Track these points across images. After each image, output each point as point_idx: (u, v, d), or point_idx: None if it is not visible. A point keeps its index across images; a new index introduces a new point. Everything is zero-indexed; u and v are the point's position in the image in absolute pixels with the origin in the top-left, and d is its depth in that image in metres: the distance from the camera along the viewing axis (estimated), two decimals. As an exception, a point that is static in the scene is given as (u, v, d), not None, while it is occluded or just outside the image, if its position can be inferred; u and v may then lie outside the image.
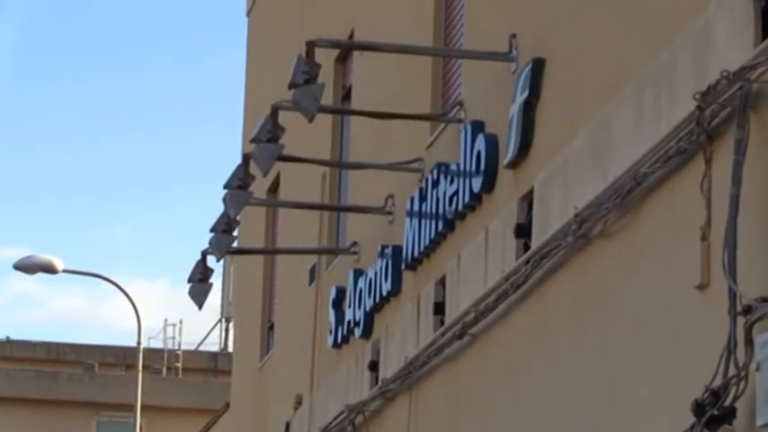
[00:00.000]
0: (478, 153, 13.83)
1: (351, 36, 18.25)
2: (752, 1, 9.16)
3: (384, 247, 16.53)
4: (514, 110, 13.09)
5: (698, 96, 9.49)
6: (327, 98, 16.56)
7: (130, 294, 35.41)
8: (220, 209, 16.96)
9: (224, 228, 17.22)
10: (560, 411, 11.83)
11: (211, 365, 49.18)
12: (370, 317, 17.08)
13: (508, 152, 13.23)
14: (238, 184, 16.54)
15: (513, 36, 13.35)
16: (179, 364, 52.41)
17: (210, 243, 17.49)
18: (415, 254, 15.53)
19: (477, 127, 13.93)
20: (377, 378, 16.62)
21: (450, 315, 14.36)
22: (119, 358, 50.40)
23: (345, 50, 18.54)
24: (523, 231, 12.73)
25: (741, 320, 8.84)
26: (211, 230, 17.29)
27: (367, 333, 17.18)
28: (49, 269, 36.39)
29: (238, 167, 16.62)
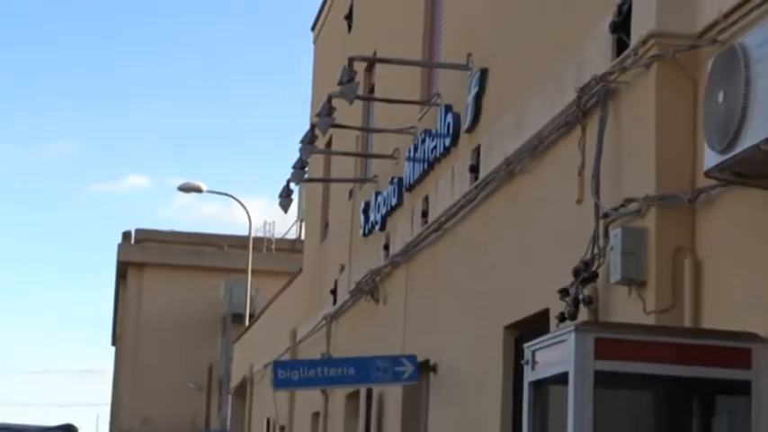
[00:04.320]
0: (448, 124, 13.79)
1: (374, 54, 18.18)
2: (610, 34, 9.10)
3: (393, 178, 16.51)
4: (470, 98, 13.04)
5: (577, 90, 9.43)
6: (361, 90, 16.51)
7: (246, 206, 35.63)
8: (297, 155, 17.12)
9: (300, 165, 17.35)
10: (497, 274, 11.83)
11: (292, 247, 49.29)
12: (384, 219, 17.09)
13: (466, 123, 13.18)
14: (309, 140, 16.62)
15: (470, 54, 13.29)
16: (273, 246, 52.65)
17: (292, 175, 17.60)
18: (411, 182, 15.51)
19: (448, 108, 13.88)
20: (388, 254, 16.64)
21: (431, 217, 14.35)
22: (238, 242, 50.53)
23: (371, 63, 18.47)
24: (474, 169, 12.69)
25: (602, 222, 8.80)
26: (293, 167, 17.42)
27: (383, 228, 17.19)
28: (198, 190, 36.57)
29: (308, 131, 16.65)
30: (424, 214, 14.71)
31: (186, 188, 36.59)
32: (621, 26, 8.95)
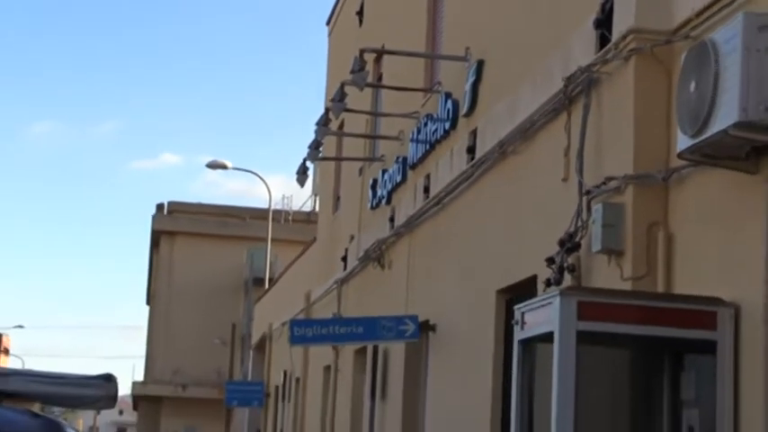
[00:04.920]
0: (448, 109, 13.77)
1: (382, 46, 18.13)
2: (594, 30, 9.07)
3: (398, 157, 16.49)
4: (467, 87, 13.01)
5: (564, 80, 9.40)
6: (370, 79, 16.48)
7: (267, 181, 35.60)
8: (313, 136, 17.07)
9: (315, 145, 17.29)
10: (490, 244, 11.83)
11: (307, 218, 49.28)
12: (390, 194, 17.08)
13: (464, 108, 13.16)
14: (323, 123, 16.58)
15: (468, 47, 13.25)
16: (290, 217, 52.65)
17: (308, 154, 17.54)
18: (414, 161, 15.49)
19: (448, 95, 13.86)
20: (393, 225, 16.64)
21: (432, 193, 14.34)
22: (259, 214, 50.59)
23: (379, 54, 18.43)
24: (471, 150, 12.67)
25: (585, 198, 8.79)
26: (309, 147, 17.35)
27: (388, 202, 17.18)
28: (224, 167, 36.50)
29: (323, 115, 16.63)
30: (426, 190, 14.70)
31: (214, 165, 36.59)
32: (604, 23, 8.93)
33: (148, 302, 65.01)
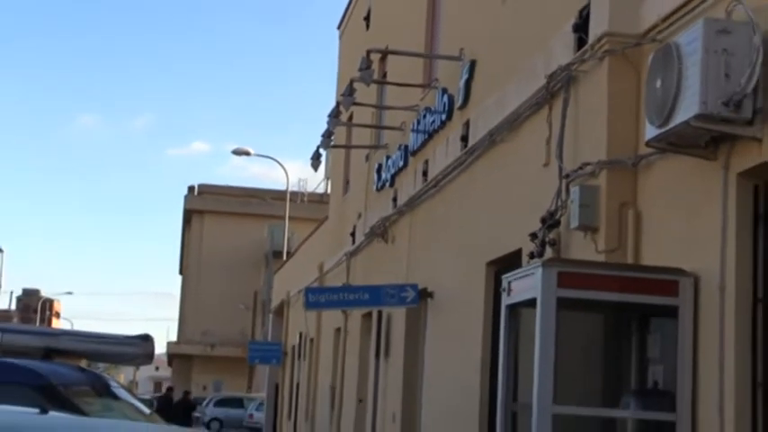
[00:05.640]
0: (444, 103, 13.75)
1: (387, 47, 18.09)
2: (573, 33, 9.07)
3: (400, 145, 16.47)
4: (461, 83, 12.99)
5: (546, 76, 9.39)
6: (376, 76, 16.44)
7: (285, 166, 35.56)
8: (326, 127, 17.02)
9: (327, 135, 17.23)
10: (481, 221, 11.84)
11: (320, 199, 49.31)
12: (393, 177, 17.07)
13: (458, 102, 13.13)
14: (335, 115, 16.55)
15: (462, 48, 13.23)
16: (306, 198, 52.69)
17: (321, 142, 17.50)
18: (415, 148, 15.47)
19: (444, 90, 13.84)
20: (396, 205, 16.63)
21: (430, 176, 14.33)
22: (278, 195, 50.64)
23: (384, 54, 18.38)
24: (465, 139, 12.66)
25: (564, 181, 8.80)
26: (322, 136, 17.29)
27: (392, 184, 17.17)
28: (247, 153, 36.50)
29: (334, 108, 16.60)
30: (425, 174, 14.70)
31: (238, 152, 36.60)
32: (582, 27, 8.92)
33: (181, 272, 65.13)
